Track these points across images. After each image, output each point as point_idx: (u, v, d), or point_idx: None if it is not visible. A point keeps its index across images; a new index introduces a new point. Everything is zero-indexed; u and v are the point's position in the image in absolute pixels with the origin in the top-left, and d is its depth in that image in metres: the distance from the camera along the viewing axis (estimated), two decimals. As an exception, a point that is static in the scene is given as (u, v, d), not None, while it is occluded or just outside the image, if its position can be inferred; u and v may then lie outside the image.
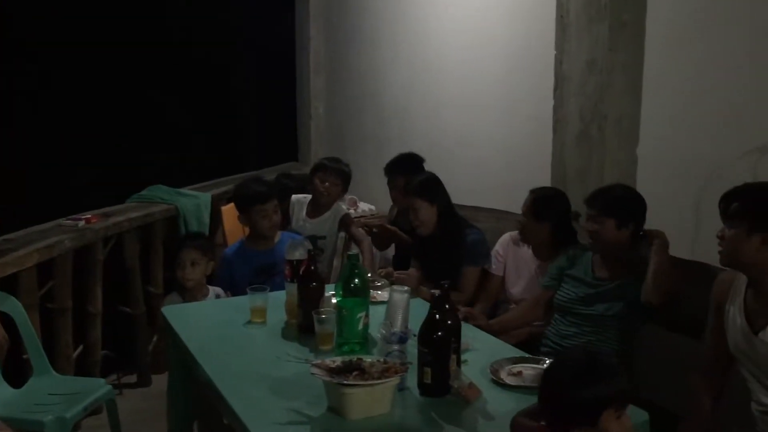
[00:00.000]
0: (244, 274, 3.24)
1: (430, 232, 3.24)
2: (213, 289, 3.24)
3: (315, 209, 3.94)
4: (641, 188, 3.16)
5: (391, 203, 4.10)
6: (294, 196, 4.03)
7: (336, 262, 3.97)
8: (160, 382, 3.73)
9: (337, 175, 3.88)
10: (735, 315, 2.07)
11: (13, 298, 2.95)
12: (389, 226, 3.84)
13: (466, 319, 2.60)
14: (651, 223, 2.72)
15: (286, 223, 3.91)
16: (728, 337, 2.11)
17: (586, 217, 2.72)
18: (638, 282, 2.58)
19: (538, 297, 2.94)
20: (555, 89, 3.35)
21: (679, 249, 2.91)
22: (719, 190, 2.83)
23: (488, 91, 4.18)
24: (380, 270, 3.72)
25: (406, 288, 2.16)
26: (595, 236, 2.65)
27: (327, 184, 3.87)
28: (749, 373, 2.05)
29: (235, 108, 6.77)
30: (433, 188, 3.25)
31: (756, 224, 1.95)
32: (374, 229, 3.82)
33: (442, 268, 3.13)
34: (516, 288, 3.25)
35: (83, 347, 3.73)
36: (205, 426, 3.05)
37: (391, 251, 4.23)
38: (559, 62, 3.31)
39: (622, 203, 2.66)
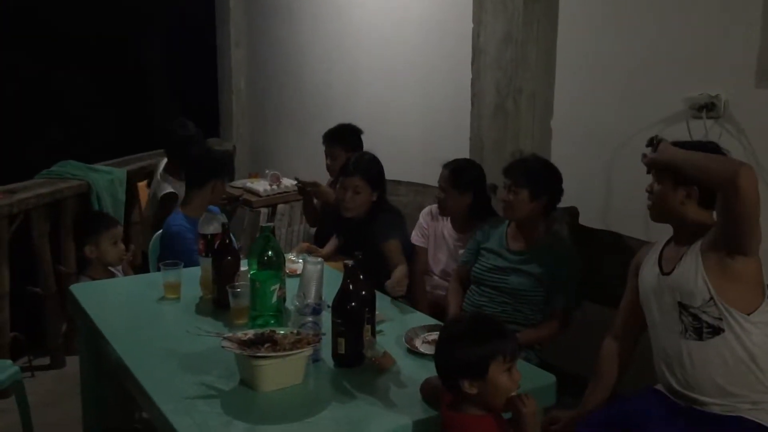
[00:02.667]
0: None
1: (356, 216, 3.11)
2: (115, 270, 3.16)
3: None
4: (555, 160, 3.22)
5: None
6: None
7: None
8: (74, 363, 3.61)
9: None
10: (650, 266, 2.16)
11: None
12: (324, 186, 3.80)
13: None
14: (566, 194, 2.78)
15: None
16: (641, 289, 2.18)
17: (502, 186, 2.76)
18: (549, 255, 2.64)
19: (456, 273, 2.97)
20: (472, 62, 3.37)
21: (591, 219, 3.00)
22: (627, 160, 2.94)
23: (408, 66, 4.18)
24: (302, 244, 3.69)
25: (319, 259, 2.14)
26: (508, 206, 2.68)
27: None
28: (658, 312, 2.11)
29: (152, 83, 6.58)
30: (380, 173, 3.15)
31: (681, 179, 2.03)
32: (309, 187, 3.77)
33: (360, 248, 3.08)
34: (436, 262, 3.27)
35: (-10, 329, 3.58)
36: (120, 405, 2.98)
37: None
38: (476, 35, 3.33)
39: (538, 175, 2.69)
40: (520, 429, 1.65)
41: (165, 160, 4.16)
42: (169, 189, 3.92)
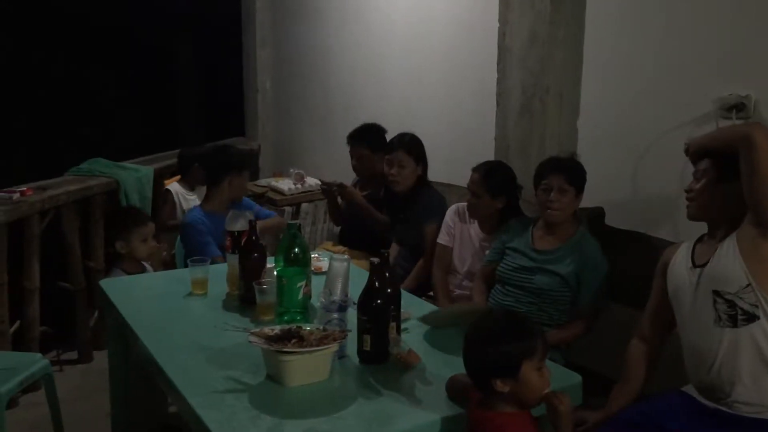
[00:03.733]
0: (219, 238, 3.15)
1: (404, 189, 3.39)
2: (146, 264, 3.20)
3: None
4: (581, 160, 3.22)
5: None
6: (172, 188, 4.28)
7: None
8: (101, 358, 3.66)
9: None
10: (681, 262, 2.15)
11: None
12: (349, 187, 3.83)
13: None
14: (592, 195, 2.76)
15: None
16: (670, 286, 2.17)
17: (542, 187, 2.68)
18: (576, 254, 2.63)
19: (481, 272, 2.96)
20: (498, 62, 3.37)
21: (617, 219, 2.99)
22: (655, 161, 2.92)
23: (433, 66, 4.19)
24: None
25: (345, 256, 2.15)
26: (556, 207, 2.64)
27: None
28: (690, 306, 2.09)
29: (178, 83, 6.66)
30: (421, 149, 3.43)
31: (723, 175, 2.04)
32: (334, 188, 3.80)
33: (405, 226, 3.41)
34: (462, 261, 3.27)
35: (20, 323, 3.64)
36: (148, 400, 3.02)
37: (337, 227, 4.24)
38: (502, 35, 3.33)
39: (580, 171, 2.69)
40: (557, 426, 1.64)
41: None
42: (169, 187, 4.23)
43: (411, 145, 3.40)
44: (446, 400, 1.83)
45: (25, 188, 3.66)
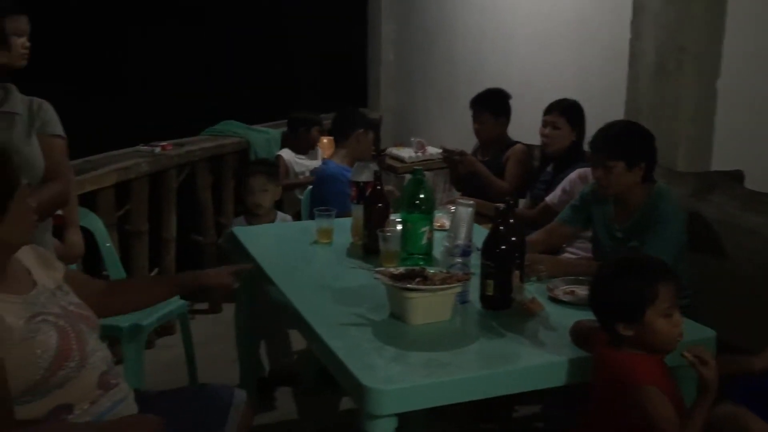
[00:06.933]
0: None
1: (555, 152, 3.35)
2: (280, 215, 3.30)
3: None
4: (720, 124, 3.07)
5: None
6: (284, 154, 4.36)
7: None
8: (230, 310, 3.83)
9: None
10: None
11: (93, 214, 3.07)
12: (469, 155, 3.84)
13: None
14: (731, 157, 2.62)
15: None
16: None
17: (592, 164, 2.49)
18: (649, 218, 2.43)
19: (551, 230, 2.72)
20: (632, 20, 3.24)
21: (758, 182, 2.82)
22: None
23: (560, 30, 4.08)
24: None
25: (471, 202, 2.15)
26: (604, 183, 2.44)
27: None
28: None
29: (304, 54, 6.86)
30: (580, 116, 3.36)
31: None
32: (456, 156, 3.82)
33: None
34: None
35: (158, 271, 3.87)
36: (271, 345, 3.16)
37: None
38: (637, -8, 3.20)
39: (629, 141, 2.44)
40: (700, 392, 1.57)
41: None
42: (281, 153, 4.34)
43: (567, 109, 3.33)
44: (570, 344, 1.81)
45: (165, 143, 3.90)
